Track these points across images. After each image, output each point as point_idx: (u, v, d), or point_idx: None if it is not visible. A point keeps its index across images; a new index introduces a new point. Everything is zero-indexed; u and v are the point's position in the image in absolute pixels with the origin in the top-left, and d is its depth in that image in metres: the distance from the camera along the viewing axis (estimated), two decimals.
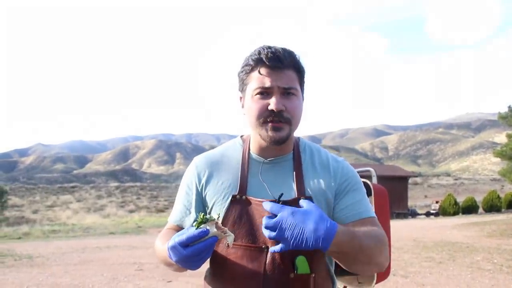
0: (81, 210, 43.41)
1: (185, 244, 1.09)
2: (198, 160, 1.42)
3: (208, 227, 1.10)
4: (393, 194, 35.14)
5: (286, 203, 1.24)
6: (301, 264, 1.23)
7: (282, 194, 1.25)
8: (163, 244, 1.24)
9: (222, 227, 1.13)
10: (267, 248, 1.24)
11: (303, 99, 1.34)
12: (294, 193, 1.29)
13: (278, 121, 1.25)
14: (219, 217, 1.16)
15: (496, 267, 8.17)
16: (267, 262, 1.24)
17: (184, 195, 1.39)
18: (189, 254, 1.09)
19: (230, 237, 1.15)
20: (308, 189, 1.30)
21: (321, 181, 1.32)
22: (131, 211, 42.98)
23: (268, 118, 1.25)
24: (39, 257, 10.22)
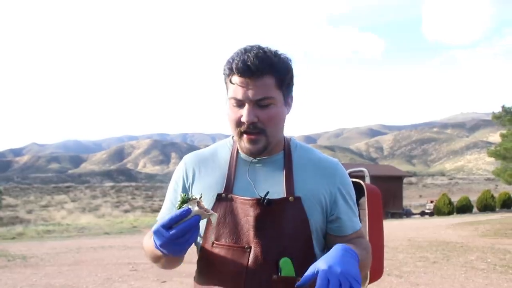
0: (76, 210, 43.26)
1: (168, 226, 1.08)
2: (188, 158, 1.41)
3: (190, 207, 1.09)
4: (387, 194, 35.46)
5: (273, 202, 1.24)
6: (286, 266, 1.20)
7: (268, 193, 1.24)
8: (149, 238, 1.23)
9: (204, 206, 1.12)
10: (250, 248, 1.22)
11: (287, 103, 1.30)
12: (283, 193, 1.27)
13: (252, 132, 1.24)
14: (201, 196, 1.14)
15: (490, 267, 8.21)
16: (249, 262, 1.22)
17: (172, 192, 1.39)
18: (173, 235, 1.07)
19: (213, 216, 1.13)
20: (298, 189, 1.28)
21: (314, 182, 1.30)
22: (126, 211, 42.90)
23: (243, 128, 1.24)
24: (33, 258, 10.16)
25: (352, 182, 2.34)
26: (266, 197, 1.23)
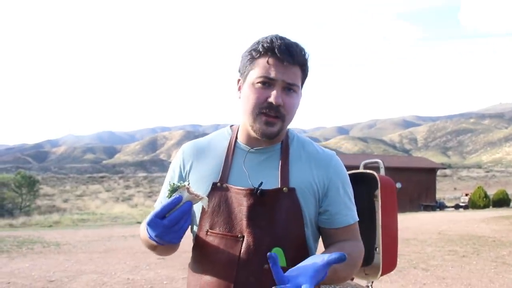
0: (110, 199, 44.43)
1: (162, 215, 1.09)
2: (186, 147, 1.42)
3: (180, 194, 1.11)
4: (420, 186, 34.79)
5: (266, 192, 1.24)
6: (277, 255, 1.20)
7: (261, 183, 1.24)
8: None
9: (194, 191, 1.13)
10: (243, 237, 1.23)
11: (301, 96, 1.33)
12: (277, 183, 1.27)
13: (273, 115, 1.24)
14: (189, 183, 1.16)
15: None
16: (242, 251, 1.23)
17: (169, 181, 1.40)
18: (167, 224, 1.09)
19: (204, 200, 1.15)
20: (293, 180, 1.28)
21: (309, 173, 1.30)
22: None
23: (264, 109, 1.24)
24: (66, 245, 10.52)
25: (366, 173, 2.34)
26: (260, 188, 1.24)
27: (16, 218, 24.95)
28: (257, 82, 1.25)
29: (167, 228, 1.10)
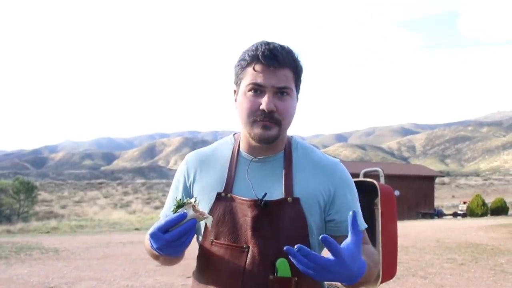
0: (108, 206, 44.35)
1: (165, 229, 1.09)
2: (189, 157, 1.42)
3: (185, 211, 1.11)
4: (418, 194, 34.78)
5: (270, 204, 1.23)
6: (282, 266, 1.20)
7: (265, 194, 1.23)
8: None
9: (200, 209, 1.14)
10: (248, 248, 1.24)
11: (297, 99, 1.31)
12: (281, 193, 1.26)
13: (268, 121, 1.24)
14: (196, 200, 1.15)
15: None
16: (247, 262, 1.23)
17: (174, 191, 1.40)
18: (169, 238, 1.09)
19: (208, 219, 1.15)
20: (297, 190, 1.27)
21: (314, 182, 1.28)
22: (157, 208, 43.62)
23: (259, 117, 1.23)
24: (64, 251, 10.50)
25: (366, 182, 2.36)
26: (264, 199, 1.23)
27: (14, 224, 24.86)
28: (248, 90, 1.25)
29: (168, 242, 1.10)
